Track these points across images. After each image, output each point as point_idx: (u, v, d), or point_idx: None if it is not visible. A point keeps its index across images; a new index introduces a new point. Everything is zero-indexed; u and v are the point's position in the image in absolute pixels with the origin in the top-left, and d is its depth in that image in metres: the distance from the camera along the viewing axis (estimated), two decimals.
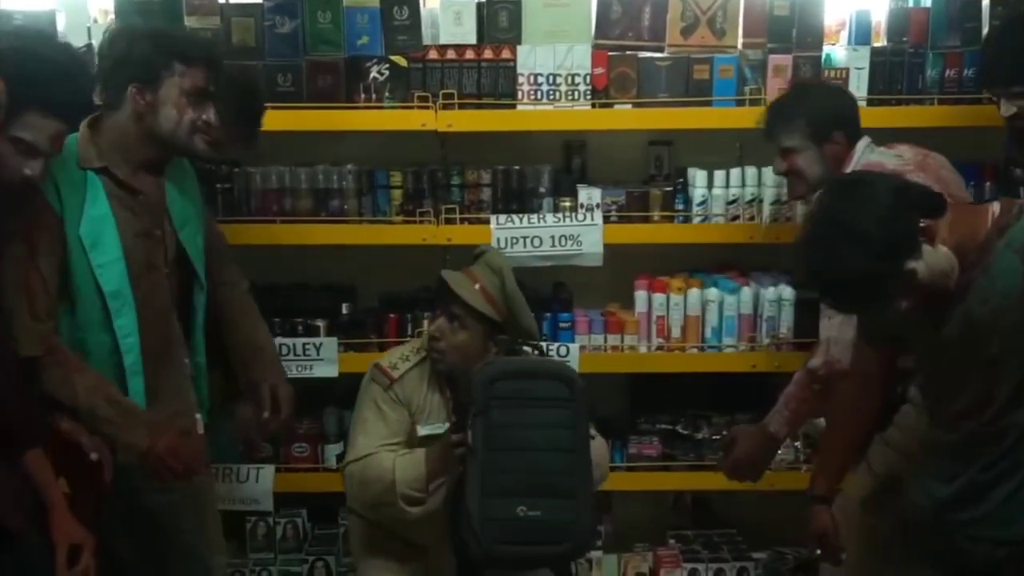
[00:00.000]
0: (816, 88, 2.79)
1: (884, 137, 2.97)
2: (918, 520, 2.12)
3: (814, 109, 2.60)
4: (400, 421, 2.44)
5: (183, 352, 2.39)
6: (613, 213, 3.02)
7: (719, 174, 3.03)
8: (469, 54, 2.92)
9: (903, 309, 1.86)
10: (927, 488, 2.08)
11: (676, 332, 3.05)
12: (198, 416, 2.43)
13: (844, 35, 3.06)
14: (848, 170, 2.57)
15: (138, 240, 2.21)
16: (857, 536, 2.42)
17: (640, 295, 3.06)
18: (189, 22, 2.90)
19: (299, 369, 3.00)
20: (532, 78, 2.92)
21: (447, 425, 2.38)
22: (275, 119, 2.89)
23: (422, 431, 2.45)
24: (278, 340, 2.97)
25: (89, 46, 2.95)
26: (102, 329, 2.16)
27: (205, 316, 2.49)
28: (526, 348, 2.51)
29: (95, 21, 3.09)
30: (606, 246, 2.97)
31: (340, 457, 3.12)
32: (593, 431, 2.51)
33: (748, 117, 2.92)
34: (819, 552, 2.37)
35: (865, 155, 2.59)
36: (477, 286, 2.40)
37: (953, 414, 2.01)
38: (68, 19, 3.06)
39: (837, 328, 2.45)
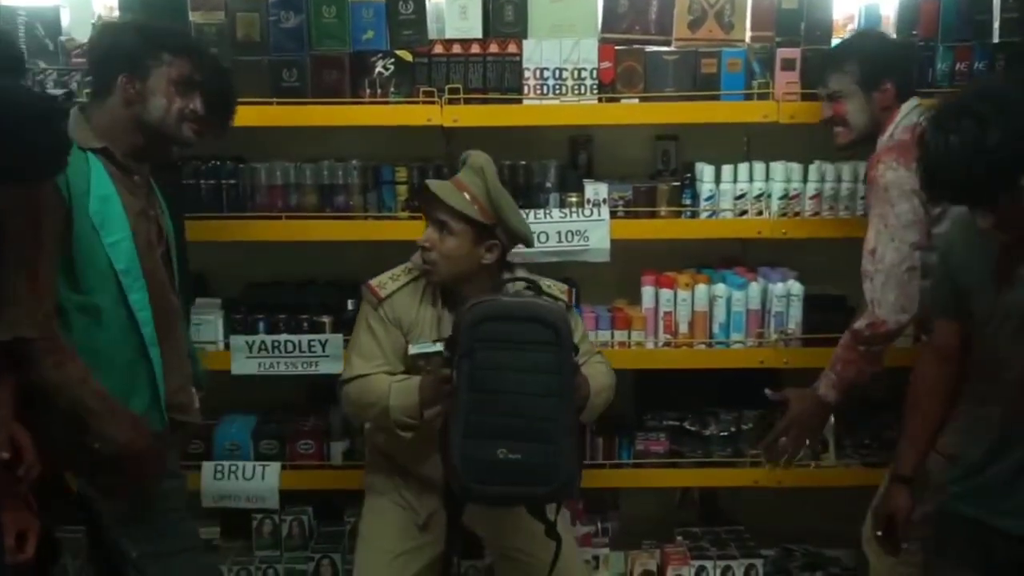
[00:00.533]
0: (874, 34, 2.80)
1: None
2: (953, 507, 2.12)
3: (867, 53, 2.60)
4: (392, 340, 2.44)
5: (183, 326, 2.47)
6: (620, 208, 2.99)
7: (727, 169, 3.01)
8: (475, 48, 2.90)
9: (990, 224, 1.91)
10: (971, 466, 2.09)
11: (683, 328, 3.03)
12: (192, 389, 2.46)
13: (852, 28, 3.03)
14: (889, 130, 2.58)
15: (139, 218, 2.25)
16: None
17: (647, 291, 3.04)
18: (194, 17, 2.89)
19: (304, 366, 2.99)
20: (538, 72, 2.90)
21: (438, 345, 2.37)
22: (280, 114, 2.90)
23: (412, 350, 2.43)
24: (283, 337, 2.97)
25: None
26: (118, 304, 2.19)
27: None
28: (524, 285, 2.46)
29: (99, 17, 3.07)
30: (613, 241, 2.95)
31: (346, 455, 3.12)
32: (601, 357, 2.55)
33: (756, 111, 2.91)
34: (879, 534, 2.35)
35: (910, 116, 2.58)
36: (464, 194, 2.39)
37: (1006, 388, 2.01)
38: (72, 15, 3.07)
39: (880, 289, 2.45)
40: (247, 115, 2.87)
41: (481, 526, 2.62)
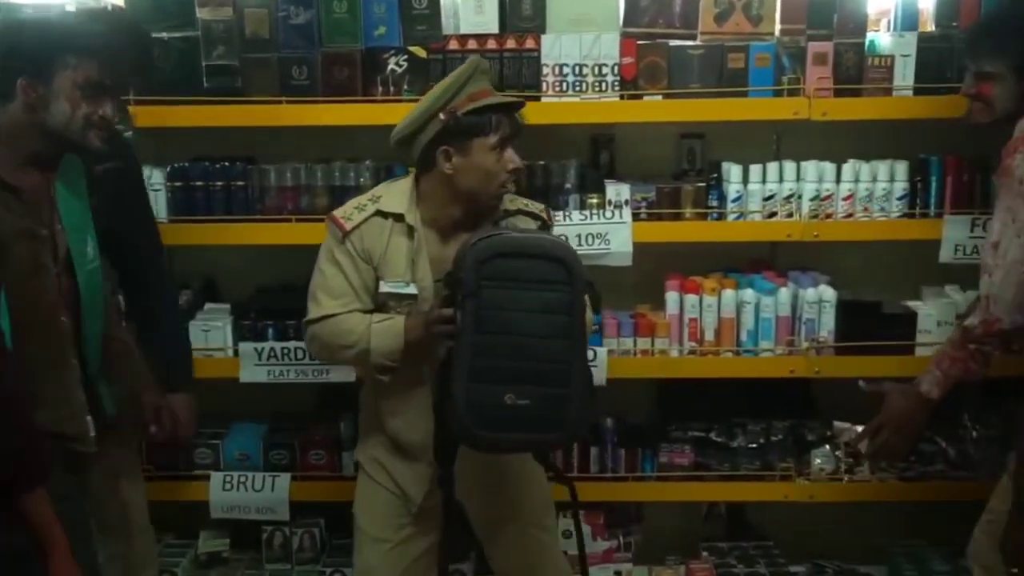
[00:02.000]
0: None
1: (931, 128, 2.84)
2: None
3: None
4: (361, 276, 2.25)
5: (71, 352, 2.25)
6: (643, 210, 2.87)
7: (755, 168, 2.88)
8: (491, 44, 2.79)
9: None
10: None
11: (709, 335, 2.91)
12: (88, 418, 2.27)
13: (885, 22, 2.89)
14: None
15: (21, 239, 2.10)
16: None
17: (671, 296, 2.92)
18: (201, 13, 2.80)
19: (315, 374, 2.91)
20: (557, 69, 2.78)
21: (412, 287, 2.24)
22: (290, 114, 2.81)
23: (384, 287, 2.26)
24: (293, 344, 2.88)
25: None
26: None
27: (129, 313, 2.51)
28: (529, 218, 2.34)
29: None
30: (635, 245, 2.83)
31: (359, 464, 3.01)
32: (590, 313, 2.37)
33: (786, 108, 2.79)
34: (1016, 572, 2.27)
35: None
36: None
37: None
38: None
39: (999, 286, 2.30)
40: (256, 115, 2.82)
41: (471, 498, 2.42)
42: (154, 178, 2.88)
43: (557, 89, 2.80)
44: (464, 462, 2.18)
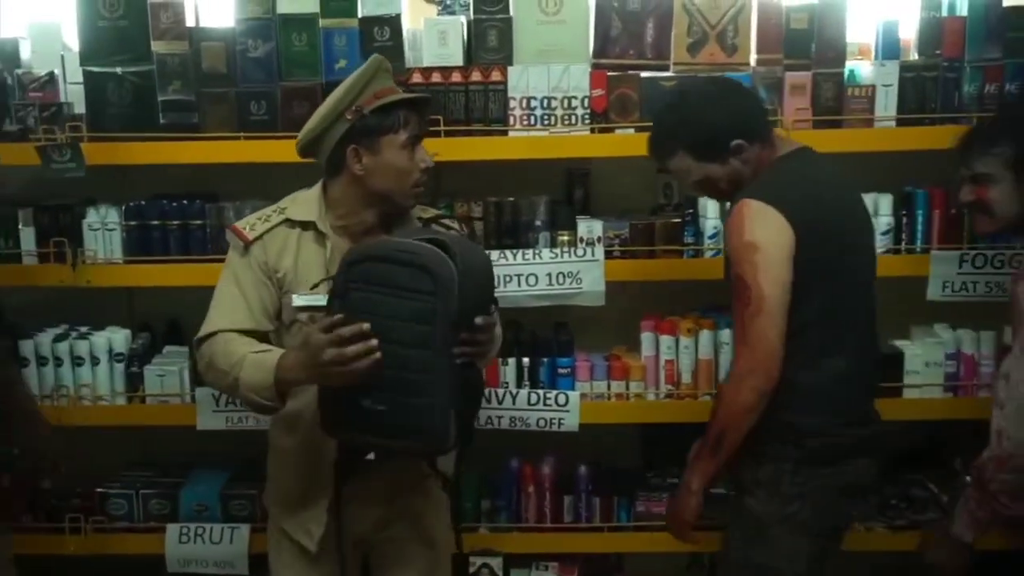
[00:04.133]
0: None
1: (916, 161, 2.73)
2: None
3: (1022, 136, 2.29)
4: (260, 292, 2.12)
5: None
6: (616, 247, 2.76)
7: None
8: (456, 77, 2.69)
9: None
10: None
11: (687, 378, 2.78)
12: None
13: (869, 50, 2.79)
14: None
15: None
16: None
17: (647, 337, 2.79)
18: (156, 47, 2.71)
19: None
20: (525, 102, 2.68)
21: (323, 299, 2.08)
22: (248, 150, 2.71)
23: (298, 301, 2.13)
24: None
25: (52, 73, 2.79)
26: None
27: None
28: (442, 225, 2.26)
29: (70, 50, 2.91)
30: (609, 284, 2.72)
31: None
32: None
33: None
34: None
35: None
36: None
37: None
38: (36, 46, 2.90)
39: (1012, 421, 2.16)
40: (214, 151, 2.72)
41: (360, 522, 2.29)
42: (109, 217, 2.78)
43: (525, 123, 2.69)
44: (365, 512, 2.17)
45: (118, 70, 2.71)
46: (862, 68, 2.71)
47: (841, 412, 2.16)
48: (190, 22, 2.76)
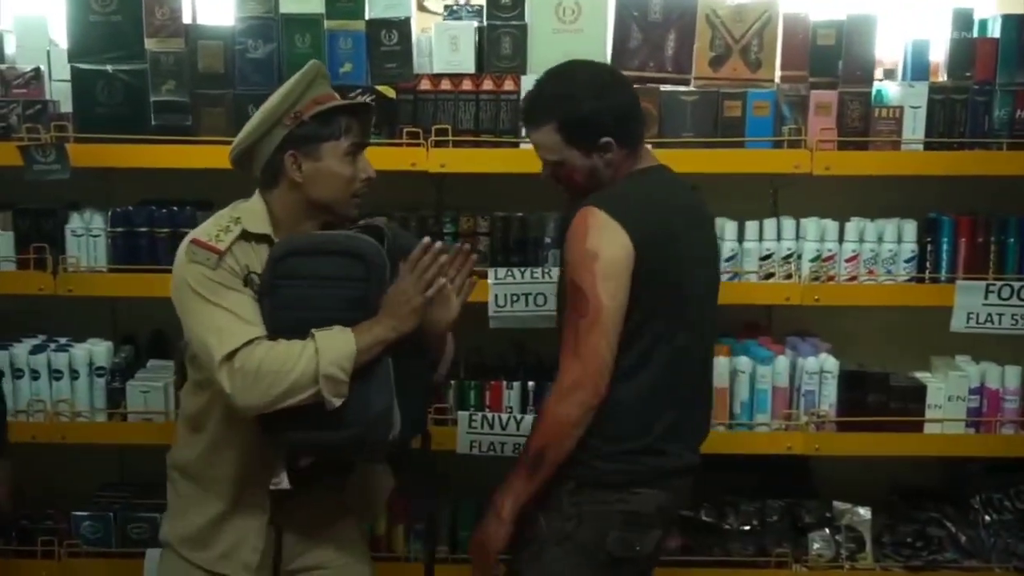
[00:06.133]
0: None
1: (942, 186, 2.64)
2: None
3: None
4: (253, 302, 1.95)
5: None
6: None
7: (751, 225, 2.66)
8: (466, 85, 2.57)
9: None
10: None
11: None
12: None
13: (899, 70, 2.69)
14: None
15: None
16: None
17: None
18: (150, 44, 2.57)
19: None
20: None
21: None
22: None
23: None
24: None
25: (38, 69, 2.64)
26: None
27: None
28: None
29: (56, 45, 2.77)
30: None
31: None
32: None
33: (786, 161, 2.57)
34: None
35: None
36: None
37: None
38: (21, 41, 2.76)
39: None
40: (208, 156, 2.58)
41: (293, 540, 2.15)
42: (94, 223, 2.64)
43: None
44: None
45: (109, 68, 2.57)
46: (890, 88, 2.61)
47: (640, 438, 2.01)
48: (187, 19, 2.64)
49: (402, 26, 2.57)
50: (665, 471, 2.04)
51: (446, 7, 2.78)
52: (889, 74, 2.76)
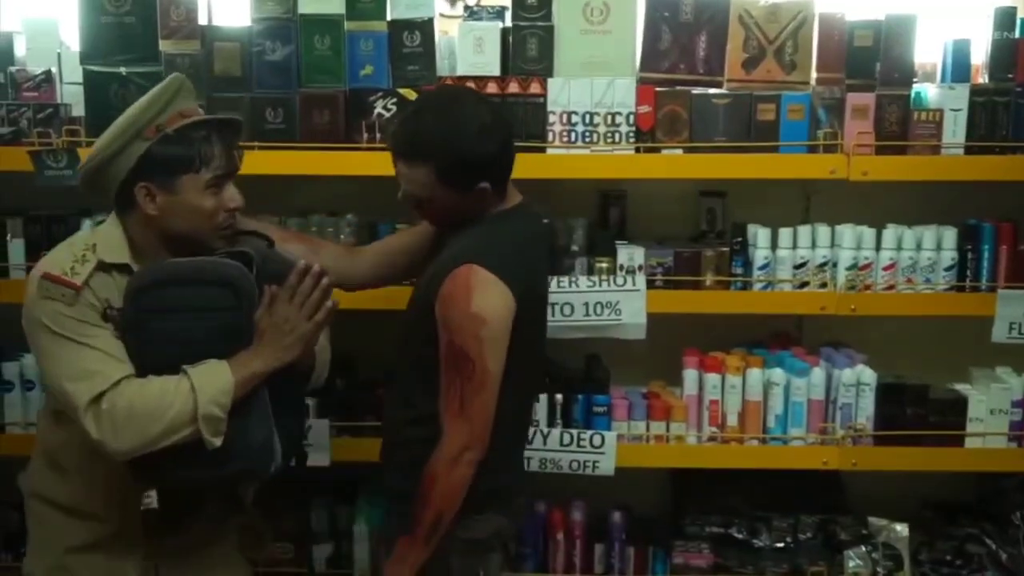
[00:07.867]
0: None
1: (982, 191, 2.55)
2: None
3: None
4: (116, 339, 1.83)
5: None
6: (659, 277, 2.55)
7: (785, 232, 2.58)
8: (492, 88, 2.49)
9: None
10: None
11: (732, 420, 2.58)
12: None
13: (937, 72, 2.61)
14: None
15: None
16: None
17: (690, 374, 2.59)
18: (164, 46, 2.49)
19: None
20: (565, 117, 2.48)
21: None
22: (263, 161, 2.48)
23: None
24: None
25: (49, 72, 2.57)
26: None
27: None
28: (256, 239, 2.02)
29: (67, 47, 2.69)
30: (650, 315, 2.51)
31: (331, 561, 2.67)
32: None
33: (821, 166, 2.49)
34: None
35: None
36: None
37: None
38: (31, 43, 2.68)
39: None
40: None
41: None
42: None
43: (565, 139, 2.49)
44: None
45: (122, 70, 2.49)
46: (929, 91, 2.53)
47: (488, 470, 1.96)
48: (202, 20, 2.55)
49: (425, 27, 2.48)
50: (500, 492, 2.04)
51: (466, 7, 2.71)
52: (928, 76, 2.67)
